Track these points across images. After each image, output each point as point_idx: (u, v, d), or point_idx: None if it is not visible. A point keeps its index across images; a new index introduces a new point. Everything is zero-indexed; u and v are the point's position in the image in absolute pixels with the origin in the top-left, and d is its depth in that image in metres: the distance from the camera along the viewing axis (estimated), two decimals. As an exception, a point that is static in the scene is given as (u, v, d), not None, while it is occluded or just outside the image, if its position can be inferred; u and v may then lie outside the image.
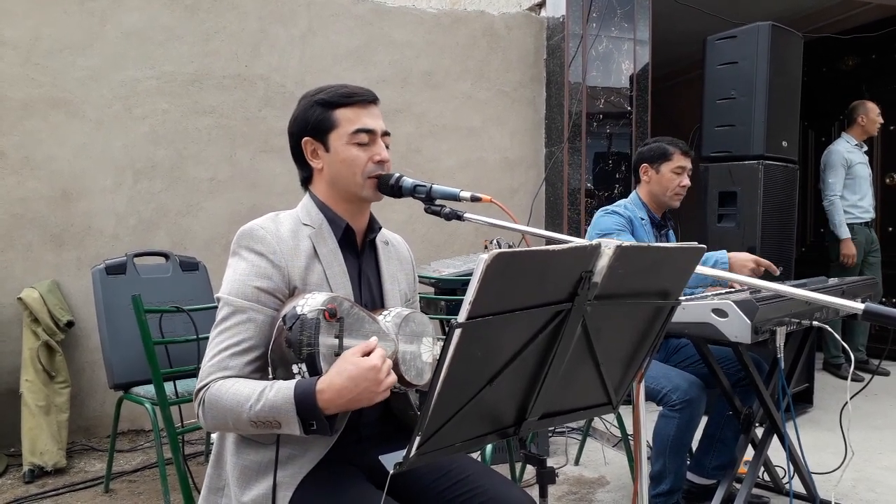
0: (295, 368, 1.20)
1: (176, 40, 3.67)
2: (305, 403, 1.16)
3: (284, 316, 1.22)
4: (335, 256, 1.40)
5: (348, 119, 1.40)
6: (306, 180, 1.48)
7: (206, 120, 3.73)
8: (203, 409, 1.26)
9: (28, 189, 3.43)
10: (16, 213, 3.40)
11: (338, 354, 1.21)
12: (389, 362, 1.21)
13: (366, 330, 1.28)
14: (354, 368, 1.16)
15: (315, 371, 1.19)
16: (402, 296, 1.55)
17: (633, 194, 2.76)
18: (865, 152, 4.63)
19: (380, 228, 1.53)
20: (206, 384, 1.26)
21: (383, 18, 4.08)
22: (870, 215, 4.58)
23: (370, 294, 1.47)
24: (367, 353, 1.19)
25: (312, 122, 1.40)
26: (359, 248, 1.48)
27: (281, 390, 1.18)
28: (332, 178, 1.42)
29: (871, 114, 4.54)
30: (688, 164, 2.66)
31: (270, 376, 1.24)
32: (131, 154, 3.60)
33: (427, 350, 1.38)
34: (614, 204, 2.73)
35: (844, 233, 4.43)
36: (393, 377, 1.21)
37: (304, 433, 1.18)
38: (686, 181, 2.66)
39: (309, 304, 1.21)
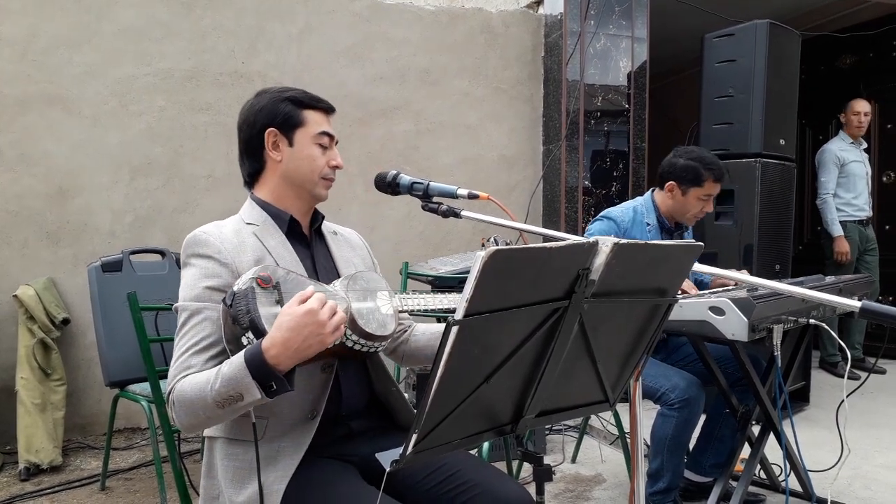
0: (244, 340, 1.21)
1: (173, 37, 3.66)
2: (256, 364, 1.17)
3: (224, 299, 1.24)
4: (284, 247, 1.43)
5: (315, 121, 1.47)
6: (252, 177, 1.52)
7: (203, 117, 3.72)
8: (174, 410, 1.27)
9: (24, 186, 3.41)
10: (11, 209, 3.39)
11: None
12: (332, 303, 1.21)
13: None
14: (290, 318, 1.16)
15: (259, 334, 1.19)
16: None
17: (648, 195, 2.63)
18: (865, 150, 4.63)
19: (323, 218, 1.56)
20: (173, 385, 1.27)
21: (381, 15, 4.07)
22: (865, 213, 4.58)
23: (327, 279, 1.45)
24: (306, 300, 1.19)
25: (281, 117, 1.45)
26: (307, 238, 1.51)
27: (233, 362, 1.20)
28: (289, 173, 1.46)
29: (850, 112, 4.55)
30: (717, 190, 2.48)
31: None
32: (128, 151, 3.59)
33: (385, 302, 1.37)
34: (619, 206, 2.62)
35: (836, 230, 4.46)
36: (341, 314, 1.21)
37: (267, 396, 1.18)
38: (710, 208, 2.49)
39: (242, 279, 1.24)
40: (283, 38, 3.87)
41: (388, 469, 1.05)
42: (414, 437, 1.00)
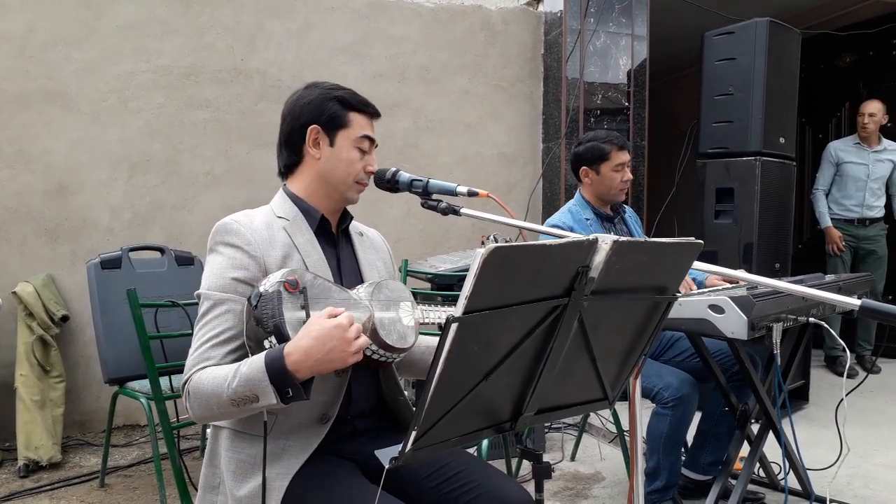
0: (266, 343, 1.21)
1: (172, 33, 3.65)
2: (275, 368, 1.17)
3: (250, 297, 1.24)
4: (312, 246, 1.42)
5: (360, 124, 1.46)
6: (288, 169, 1.50)
7: (202, 114, 3.71)
8: (189, 400, 1.27)
9: (22, 183, 3.41)
10: (10, 206, 3.39)
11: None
12: (358, 325, 1.21)
13: (334, 299, 1.29)
14: (319, 328, 1.17)
15: (283, 339, 1.20)
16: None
17: (577, 194, 2.70)
18: (876, 151, 4.57)
19: (351, 219, 1.56)
20: (190, 376, 1.27)
21: (380, 12, 4.07)
22: (854, 214, 4.60)
23: (351, 282, 1.47)
24: (335, 316, 1.20)
25: (327, 114, 1.43)
26: (335, 237, 1.51)
27: (253, 362, 1.20)
28: (325, 172, 1.45)
29: (859, 113, 4.57)
30: (626, 158, 2.57)
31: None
32: (126, 148, 3.59)
33: (407, 314, 1.37)
34: (559, 211, 2.67)
35: (823, 222, 4.61)
36: (364, 339, 1.21)
37: (282, 401, 1.18)
38: (628, 175, 2.58)
39: (269, 280, 1.23)
40: (283, 34, 3.86)
41: (387, 466, 1.05)
42: (413, 434, 1.00)
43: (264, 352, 1.20)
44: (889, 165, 4.55)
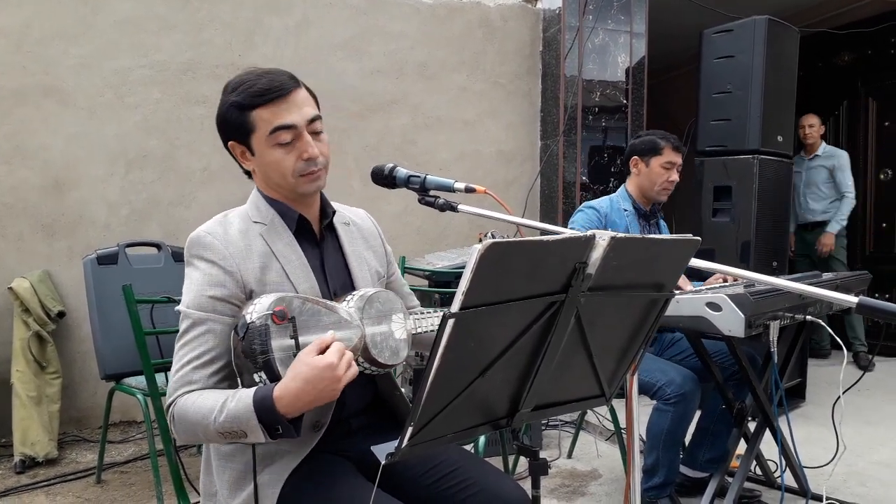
0: (256, 377, 1.18)
1: (169, 29, 3.64)
2: (264, 409, 1.13)
3: (236, 326, 1.19)
4: (293, 250, 1.35)
5: (264, 119, 1.29)
6: (249, 174, 1.42)
7: (199, 110, 3.70)
8: (174, 424, 1.24)
9: (19, 178, 3.40)
10: (7, 202, 3.38)
11: (297, 354, 1.17)
12: (349, 354, 1.17)
13: (324, 322, 1.24)
14: (309, 370, 1.12)
15: (274, 377, 1.16)
16: (375, 275, 1.49)
17: (622, 187, 2.75)
18: (811, 159, 4.81)
19: (334, 213, 1.46)
20: (174, 400, 1.24)
21: (378, 8, 4.06)
22: (800, 220, 4.87)
23: (338, 281, 1.41)
24: (325, 349, 1.15)
25: (233, 126, 1.32)
26: (317, 236, 1.42)
27: (241, 399, 1.16)
28: (266, 180, 1.37)
29: (799, 125, 4.73)
30: (678, 159, 2.64)
31: (239, 383, 1.23)
32: (123, 143, 3.58)
33: (399, 326, 1.34)
34: (599, 199, 2.72)
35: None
36: (355, 369, 1.18)
37: (271, 439, 1.16)
38: (675, 177, 2.64)
39: (257, 309, 1.18)
40: (281, 30, 3.85)
41: (383, 462, 1.05)
42: (409, 430, 1.00)
43: (253, 389, 1.16)
44: (823, 171, 4.76)
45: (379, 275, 1.51)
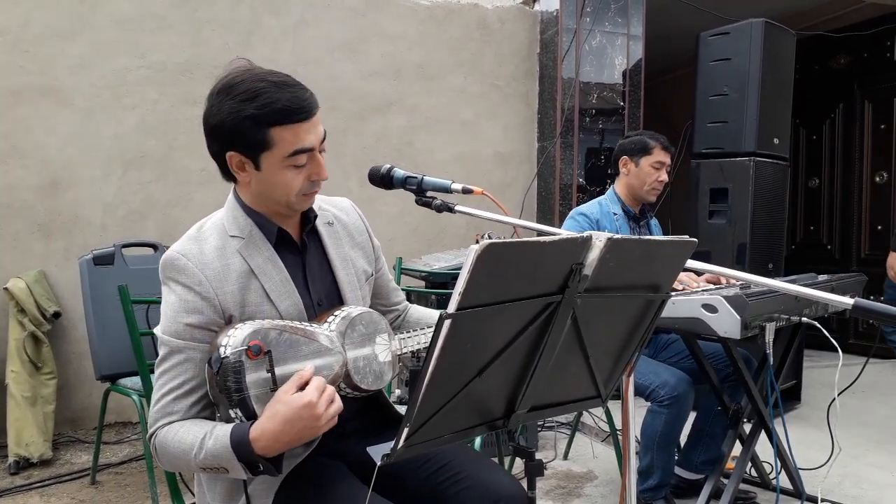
0: (232, 413, 1.15)
1: (167, 29, 3.64)
2: (242, 451, 1.11)
3: (210, 359, 1.16)
4: (273, 265, 1.29)
5: (286, 140, 1.20)
6: (234, 179, 1.31)
7: (197, 110, 3.64)
8: (157, 455, 1.23)
9: (15, 178, 3.39)
10: (3, 201, 3.37)
11: (273, 389, 1.13)
12: (330, 389, 1.13)
13: (303, 352, 1.20)
14: (287, 409, 1.08)
15: (250, 415, 1.13)
16: (362, 275, 1.44)
17: (610, 189, 2.75)
18: None
19: (315, 217, 1.37)
20: (154, 431, 1.22)
21: (377, 10, 4.06)
22: None
23: (323, 290, 1.37)
24: (304, 385, 1.12)
25: (242, 139, 1.21)
26: (298, 244, 1.36)
27: (219, 438, 1.13)
28: (261, 194, 1.28)
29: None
30: (667, 159, 2.64)
31: (217, 416, 1.21)
32: (121, 144, 3.57)
33: (383, 348, 1.31)
34: (588, 203, 2.72)
35: None
36: (337, 404, 1.14)
37: (252, 475, 1.14)
38: (664, 177, 2.64)
39: (231, 343, 1.14)
40: (278, 31, 3.85)
41: (378, 463, 1.05)
42: (405, 430, 1.00)
43: (229, 428, 1.13)
44: None
45: (367, 274, 1.47)
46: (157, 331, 1.26)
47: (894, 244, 3.41)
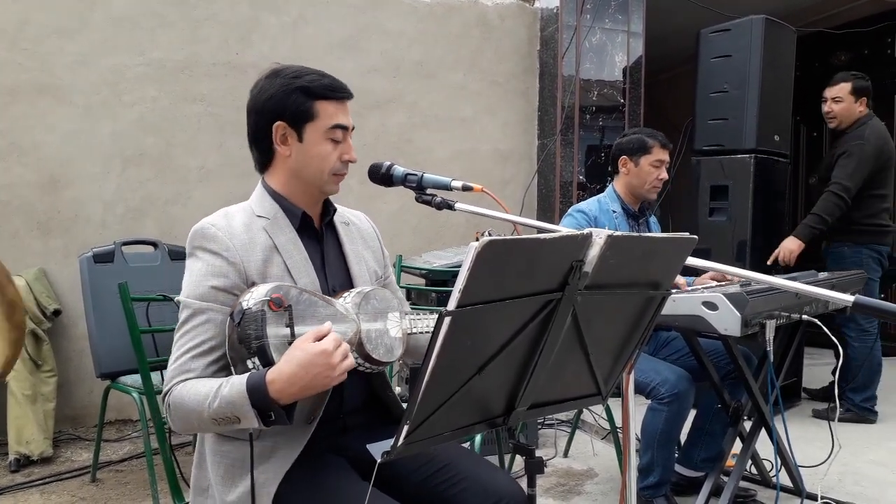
0: (249, 363, 1.18)
1: (166, 27, 3.63)
2: (257, 395, 1.14)
3: (232, 313, 1.21)
4: (295, 245, 1.37)
5: (328, 113, 1.36)
6: (263, 165, 1.43)
7: (196, 108, 3.70)
8: (170, 413, 1.25)
9: (14, 175, 3.38)
10: (2, 199, 3.37)
11: (291, 343, 1.19)
12: (345, 346, 1.18)
13: (321, 314, 1.25)
14: (303, 354, 1.14)
15: (267, 362, 1.17)
16: (373, 274, 1.51)
17: (609, 187, 2.74)
18: None
19: (335, 211, 1.49)
20: (170, 388, 1.25)
21: (376, 7, 4.05)
22: None
23: (338, 278, 1.43)
24: (321, 338, 1.17)
25: (292, 108, 1.34)
26: (318, 232, 1.45)
27: (234, 385, 1.17)
28: (297, 168, 1.38)
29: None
30: (666, 157, 2.64)
31: (233, 373, 1.23)
32: (120, 141, 3.56)
33: (395, 325, 1.35)
34: (587, 201, 2.71)
35: None
36: (350, 361, 1.19)
37: (264, 425, 1.16)
38: (664, 175, 2.63)
39: (254, 296, 1.20)
40: (277, 28, 3.84)
41: (378, 460, 1.05)
42: (405, 428, 1.00)
43: (246, 374, 1.17)
44: None
45: (377, 275, 1.53)
46: (179, 297, 1.30)
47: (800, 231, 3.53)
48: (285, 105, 1.34)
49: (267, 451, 1.29)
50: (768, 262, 3.57)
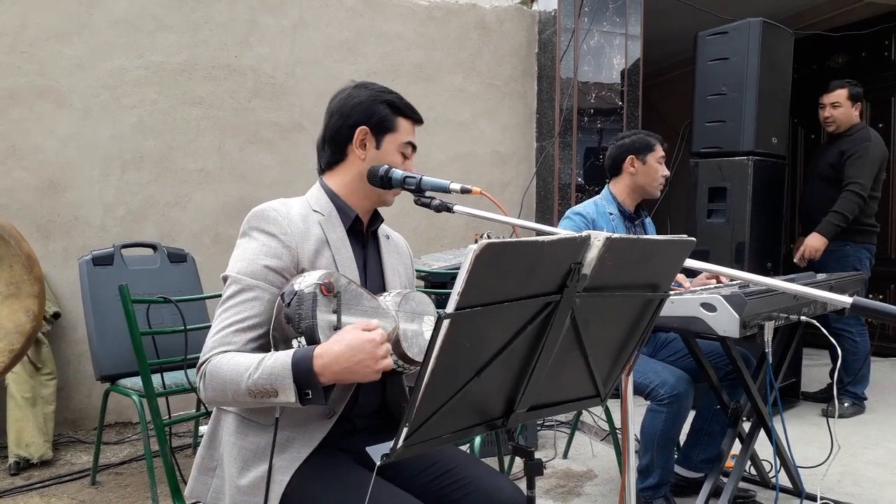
0: (295, 343, 1.22)
1: (165, 30, 3.64)
2: (302, 367, 1.17)
3: (283, 293, 1.25)
4: (343, 243, 1.44)
5: (406, 130, 1.50)
6: (329, 166, 1.50)
7: (195, 111, 3.70)
8: (204, 382, 1.28)
9: (14, 179, 3.39)
10: (1, 203, 3.37)
11: (336, 329, 1.23)
12: (388, 345, 1.23)
13: (364, 306, 1.30)
14: (353, 338, 1.18)
15: (313, 342, 1.21)
16: (403, 288, 1.55)
17: (605, 189, 2.74)
18: None
19: (382, 221, 1.57)
20: (208, 358, 1.27)
21: (375, 10, 4.06)
22: None
23: (374, 283, 1.49)
24: (370, 330, 1.21)
25: (377, 117, 1.46)
26: (364, 237, 1.52)
27: (279, 357, 1.21)
28: (363, 175, 1.46)
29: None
30: (664, 153, 2.71)
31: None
32: (119, 144, 3.57)
33: (429, 328, 1.38)
34: (583, 203, 2.71)
35: None
36: (389, 361, 1.22)
37: (300, 402, 1.19)
38: (666, 171, 2.70)
39: (306, 280, 1.24)
40: (276, 31, 3.85)
41: (378, 463, 1.05)
42: (405, 430, 1.00)
43: (292, 349, 1.21)
44: None
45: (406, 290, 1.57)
46: (227, 272, 1.34)
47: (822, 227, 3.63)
48: (372, 113, 1.46)
49: (284, 441, 1.31)
50: (794, 260, 3.72)
